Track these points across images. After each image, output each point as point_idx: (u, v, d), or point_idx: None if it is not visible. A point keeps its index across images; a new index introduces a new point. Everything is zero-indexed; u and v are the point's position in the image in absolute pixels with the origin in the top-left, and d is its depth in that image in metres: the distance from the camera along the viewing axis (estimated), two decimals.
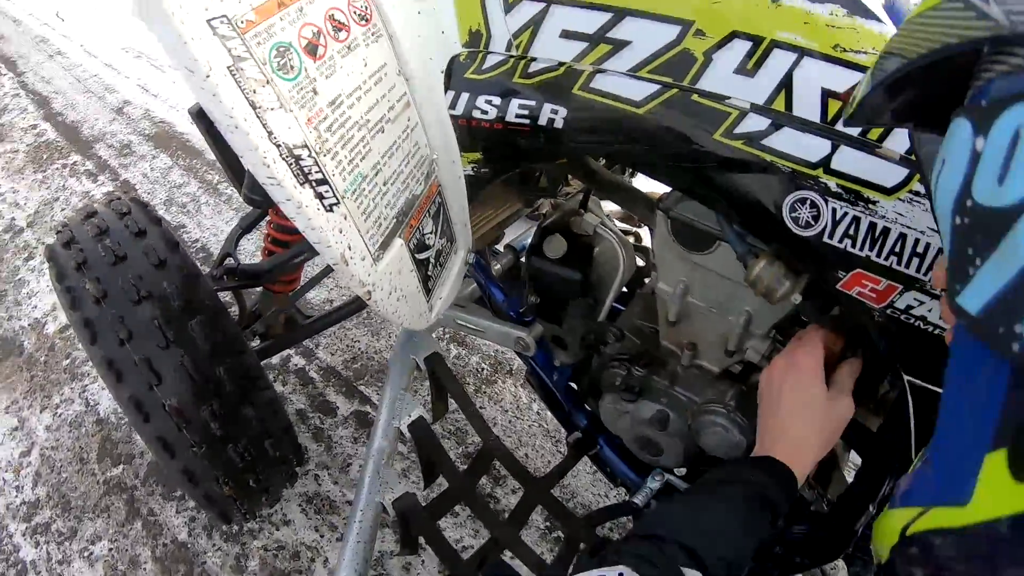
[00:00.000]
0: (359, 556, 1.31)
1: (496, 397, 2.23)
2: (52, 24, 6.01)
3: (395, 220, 0.92)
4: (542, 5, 0.98)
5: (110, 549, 1.94)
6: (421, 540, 1.50)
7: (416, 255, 0.99)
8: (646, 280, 1.54)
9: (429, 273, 1.06)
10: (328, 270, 1.75)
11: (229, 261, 1.71)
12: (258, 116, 0.66)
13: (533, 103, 0.99)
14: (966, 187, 0.44)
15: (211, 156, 3.55)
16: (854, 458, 1.38)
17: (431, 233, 1.04)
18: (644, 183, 1.45)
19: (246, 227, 1.83)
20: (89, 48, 5.32)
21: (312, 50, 0.74)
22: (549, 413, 2.11)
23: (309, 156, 0.72)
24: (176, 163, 3.59)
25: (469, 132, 1.05)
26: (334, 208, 0.76)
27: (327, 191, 0.75)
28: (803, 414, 0.95)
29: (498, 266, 1.51)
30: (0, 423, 2.43)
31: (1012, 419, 0.43)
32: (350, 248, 0.80)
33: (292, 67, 0.71)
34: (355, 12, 0.82)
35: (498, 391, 2.26)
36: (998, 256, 0.41)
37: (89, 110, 4.24)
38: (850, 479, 1.23)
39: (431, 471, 1.50)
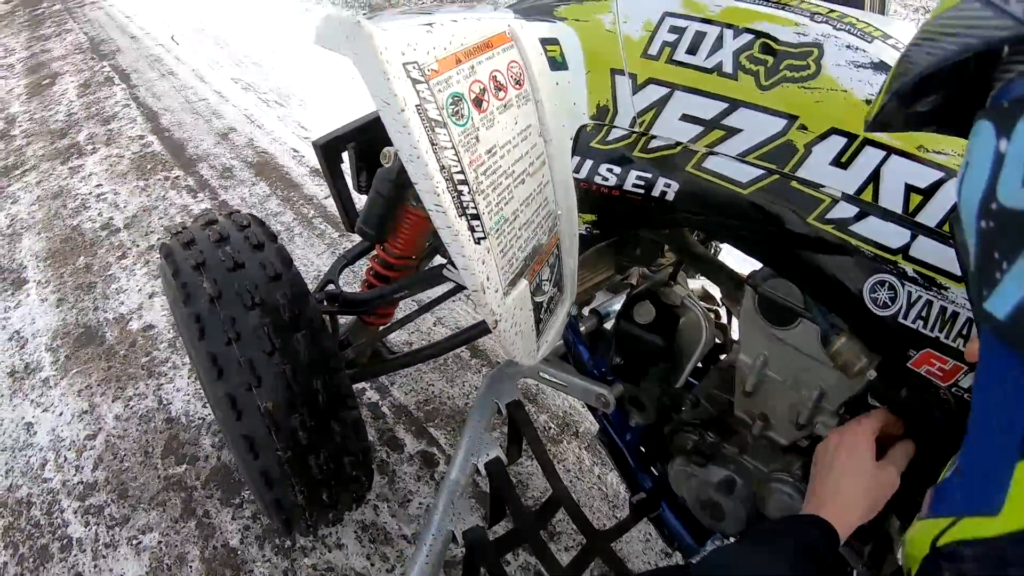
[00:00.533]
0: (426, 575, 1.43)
1: (560, 456, 2.33)
2: (167, 46, 6.45)
3: (523, 263, 1.08)
4: (666, 91, 1.14)
5: (159, 542, 2.07)
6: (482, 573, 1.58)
7: (534, 297, 1.14)
8: (721, 356, 1.64)
9: (541, 316, 1.20)
10: (419, 312, 1.89)
11: (331, 287, 1.86)
12: (435, 151, 0.84)
13: (649, 175, 1.14)
14: (991, 190, 0.45)
15: (308, 191, 3.79)
16: None
17: (547, 280, 1.20)
18: (730, 263, 1.58)
19: (351, 258, 1.97)
20: (200, 73, 5.70)
21: (478, 103, 0.92)
22: (609, 478, 2.23)
23: (468, 193, 0.90)
24: (274, 192, 3.83)
25: (589, 195, 1.21)
26: (481, 242, 0.93)
27: (478, 226, 0.92)
28: (851, 478, 1.03)
29: (583, 328, 1.63)
30: (71, 404, 2.63)
31: None
32: (488, 279, 0.97)
33: (463, 115, 0.89)
34: (512, 76, 1.01)
35: (563, 451, 2.35)
36: None
37: (195, 131, 4.55)
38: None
39: (499, 511, 1.60)
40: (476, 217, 0.92)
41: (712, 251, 1.90)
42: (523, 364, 1.21)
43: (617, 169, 1.17)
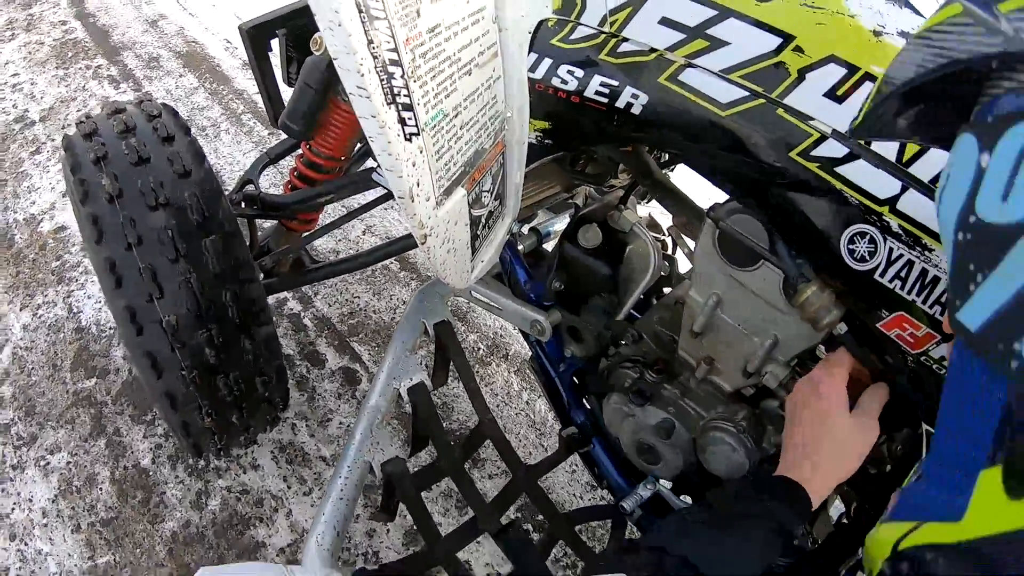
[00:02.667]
0: (340, 513, 1.29)
1: (488, 379, 2.22)
2: None
3: (462, 169, 0.91)
4: None
5: (68, 463, 1.91)
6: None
7: (472, 210, 0.98)
8: (666, 290, 1.55)
9: (478, 232, 1.05)
10: (346, 218, 1.73)
11: (250, 188, 1.69)
12: (362, 20, 0.65)
13: (616, 83, 1.00)
14: (970, 203, 0.45)
15: (239, 85, 3.55)
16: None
17: (488, 192, 1.04)
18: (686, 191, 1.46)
19: (274, 156, 1.81)
20: None
21: None
22: (538, 404, 2.13)
23: (401, 77, 0.71)
24: (203, 85, 3.56)
25: (544, 99, 1.06)
26: (413, 138, 0.76)
27: (410, 118, 0.74)
28: (825, 438, 0.95)
29: (521, 247, 1.51)
30: None
31: (1007, 437, 0.44)
32: (419, 184, 0.79)
33: None
34: None
35: (491, 373, 2.25)
36: (999, 273, 0.42)
37: (122, 17, 4.20)
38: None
39: (421, 440, 1.49)
40: (408, 108, 0.74)
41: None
42: (456, 286, 1.07)
43: (579, 72, 1.03)
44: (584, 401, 1.53)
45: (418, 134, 0.76)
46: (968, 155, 0.46)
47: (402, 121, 0.74)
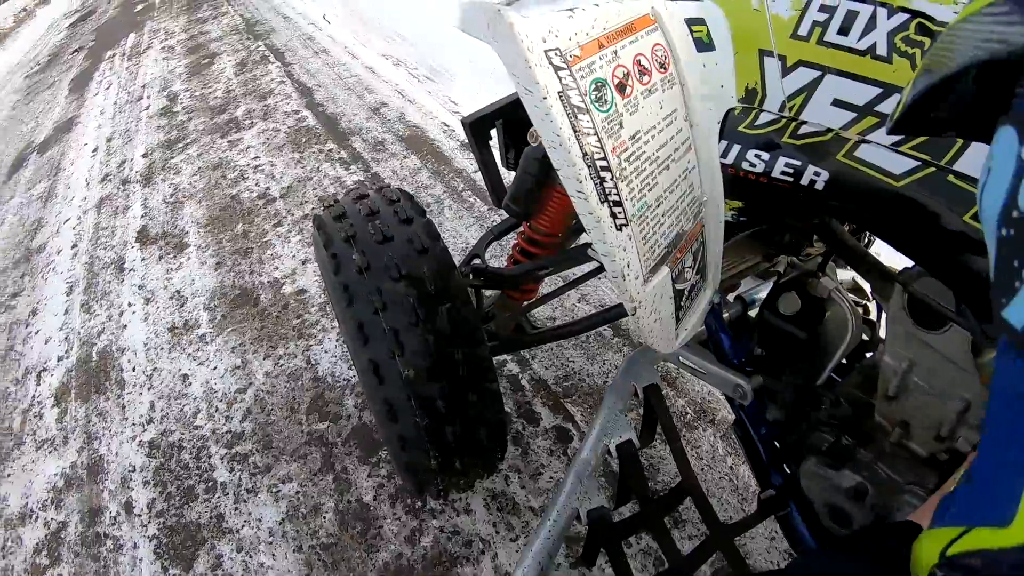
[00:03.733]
0: (545, 551, 1.45)
1: (694, 443, 2.31)
2: (319, 25, 6.74)
3: (666, 249, 1.08)
4: (817, 73, 1.10)
5: (297, 492, 2.20)
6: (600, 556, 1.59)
7: (675, 285, 1.14)
8: (867, 354, 1.58)
9: (682, 304, 1.19)
10: (563, 289, 1.91)
11: (477, 262, 1.89)
12: (577, 138, 0.85)
13: (799, 163, 1.11)
14: (1012, 197, 0.45)
15: (458, 164, 3.87)
16: None
17: (690, 267, 1.19)
18: (882, 257, 1.52)
19: (497, 234, 2.00)
20: (352, 51, 5.92)
21: (622, 88, 0.93)
22: (741, 470, 2.18)
23: (611, 179, 0.90)
24: (425, 166, 3.93)
25: (735, 181, 1.18)
26: (623, 228, 0.94)
27: (620, 212, 0.92)
28: None
29: (726, 315, 1.61)
30: (224, 359, 2.82)
31: None
32: (629, 266, 0.97)
33: (606, 101, 0.90)
34: (656, 59, 1.01)
35: (697, 437, 2.33)
36: None
37: (348, 106, 4.72)
38: None
39: (626, 493, 1.61)
40: (618, 204, 0.92)
41: (864, 242, 1.82)
42: (661, 351, 1.20)
43: (765, 155, 1.15)
44: (784, 466, 1.58)
45: (627, 224, 0.94)
46: (1009, 148, 0.46)
47: (613, 215, 0.91)
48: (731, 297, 1.71)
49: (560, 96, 0.84)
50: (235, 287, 3.28)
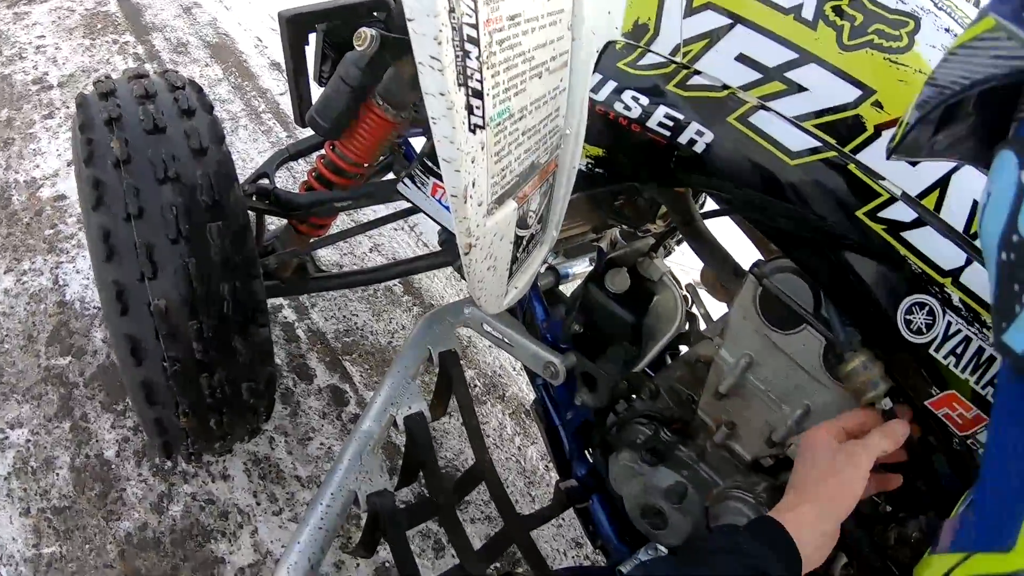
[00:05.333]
0: (316, 544, 1.19)
1: (482, 419, 2.15)
2: None
3: (516, 179, 0.87)
4: (727, 21, 0.96)
5: (28, 440, 1.83)
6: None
7: (518, 228, 0.94)
8: (681, 347, 1.48)
9: (518, 255, 1.00)
10: (359, 230, 1.67)
11: (264, 182, 1.63)
12: None
13: (681, 116, 0.97)
14: (1012, 221, 0.45)
15: (264, 84, 3.55)
16: None
17: (534, 212, 0.99)
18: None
19: (294, 153, 1.76)
20: None
21: None
22: (529, 451, 2.07)
23: (476, 59, 0.68)
24: (227, 78, 3.56)
25: (602, 123, 1.03)
26: (477, 131, 0.72)
27: (478, 107, 0.71)
28: (849, 495, 0.86)
29: (539, 283, 1.47)
30: None
31: None
32: (474, 184, 0.75)
33: None
34: None
35: (485, 413, 2.19)
36: None
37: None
38: None
39: (411, 473, 1.41)
40: (478, 96, 0.70)
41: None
42: (486, 310, 1.01)
43: (644, 100, 0.99)
44: (587, 454, 1.47)
45: (483, 127, 0.72)
46: (1008, 172, 0.46)
47: (469, 108, 0.70)
48: (543, 267, 1.54)
49: None
50: None
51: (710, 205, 1.55)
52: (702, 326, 1.38)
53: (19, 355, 2.04)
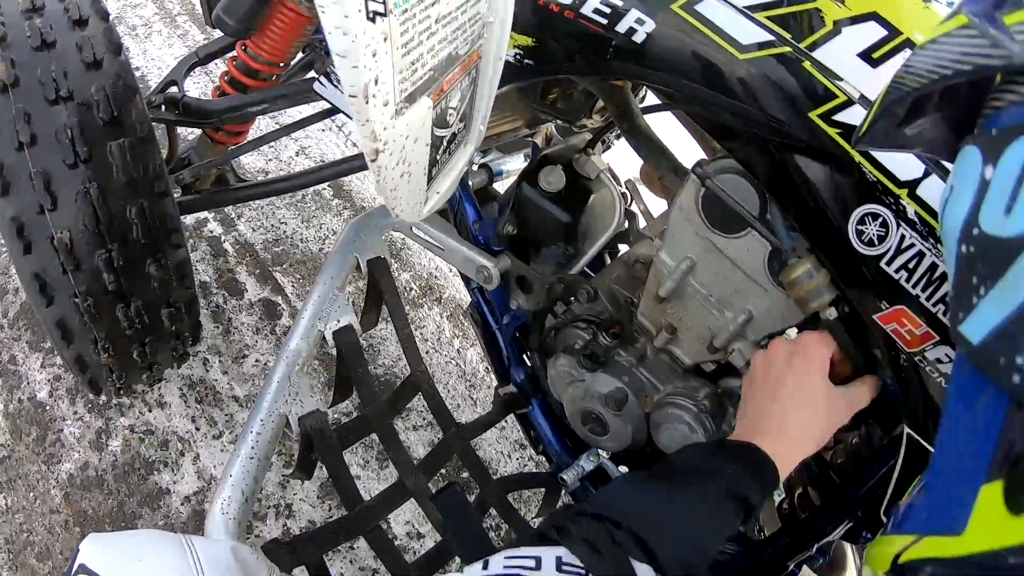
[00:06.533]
0: (250, 475, 1.11)
1: (418, 323, 2.08)
2: None
3: (430, 74, 0.75)
4: None
5: None
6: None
7: (435, 129, 0.83)
8: (621, 246, 1.44)
9: (438, 157, 0.90)
10: (279, 133, 1.53)
11: (173, 90, 1.47)
12: None
13: (620, 2, 0.87)
14: (973, 215, 0.45)
15: None
16: None
17: (454, 110, 0.88)
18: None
19: (204, 57, 1.60)
20: None
21: None
22: (469, 354, 2.01)
23: None
24: None
25: (532, 9, 0.94)
26: (378, 18, 0.59)
27: None
28: (805, 408, 0.85)
29: (470, 183, 1.38)
30: None
31: (1008, 451, 0.44)
32: (377, 82, 0.63)
33: None
34: None
35: (422, 317, 2.10)
36: (1002, 287, 0.42)
37: None
38: None
39: (344, 389, 1.33)
40: None
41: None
42: (405, 219, 0.91)
43: None
44: (526, 358, 1.41)
45: (385, 15, 0.60)
46: (972, 167, 0.47)
47: None
48: (476, 164, 1.45)
49: None
50: None
51: (651, 99, 1.45)
52: (642, 224, 1.31)
53: None
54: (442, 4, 0.71)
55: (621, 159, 1.60)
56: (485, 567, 0.64)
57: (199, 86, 2.60)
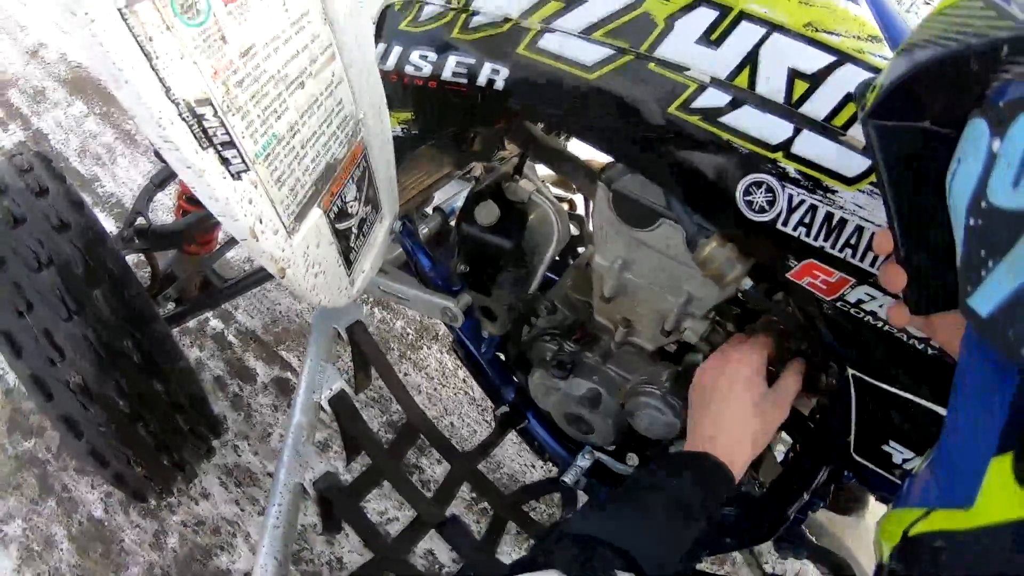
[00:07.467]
0: (278, 542, 1.20)
1: (421, 363, 2.13)
2: None
3: (313, 187, 0.81)
4: None
5: (24, 529, 1.79)
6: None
7: (336, 225, 0.88)
8: (580, 249, 1.47)
9: (352, 244, 0.95)
10: None
11: (140, 221, 1.56)
12: (153, 68, 0.54)
13: (472, 61, 0.90)
14: (981, 188, 0.44)
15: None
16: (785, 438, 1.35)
17: (354, 200, 0.93)
18: (582, 150, 1.37)
19: (159, 183, 1.68)
20: None
21: None
22: (474, 381, 2.03)
23: (214, 116, 0.60)
24: (92, 111, 3.33)
25: (401, 89, 0.96)
26: (242, 175, 0.65)
27: (235, 156, 0.63)
28: (738, 417, 0.90)
29: (426, 230, 1.42)
30: None
31: (1019, 423, 0.43)
32: (260, 221, 0.68)
33: (199, 11, 0.58)
34: None
35: (423, 357, 2.16)
36: (1010, 259, 0.41)
37: (1, 52, 3.91)
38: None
39: (354, 447, 1.39)
40: (230, 145, 0.63)
41: (563, 138, 1.67)
42: (336, 305, 0.97)
43: (432, 55, 0.93)
44: (513, 378, 1.46)
45: (247, 170, 0.65)
46: (979, 140, 0.46)
47: (224, 161, 0.63)
48: (430, 209, 1.49)
49: (122, 13, 0.52)
50: None
51: None
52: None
53: None
54: (304, 129, 0.77)
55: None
56: None
57: (164, 206, 2.70)
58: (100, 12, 0.50)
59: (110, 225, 2.50)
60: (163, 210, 2.55)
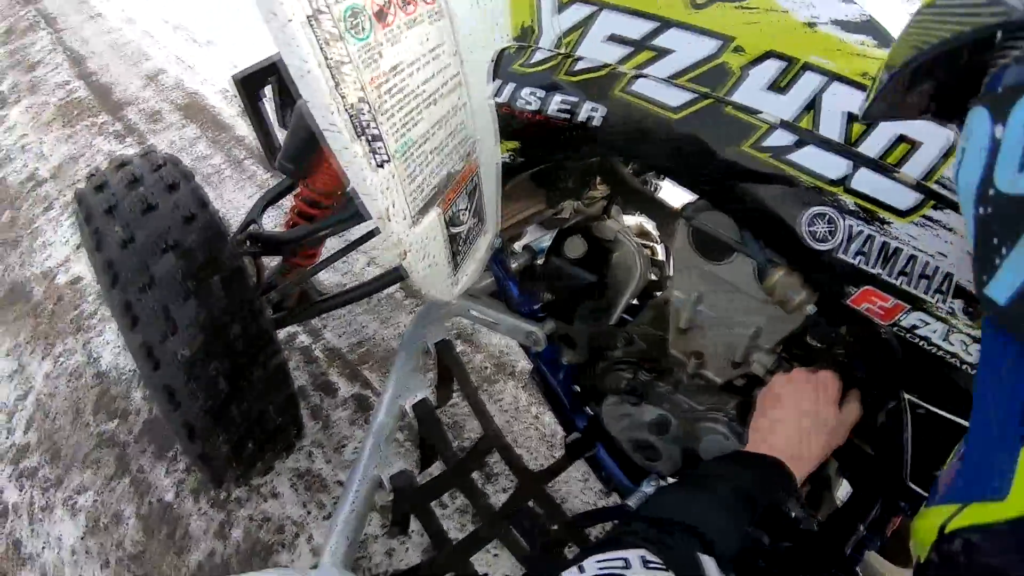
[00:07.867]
0: (352, 523, 1.35)
1: (496, 396, 2.26)
2: None
3: (435, 190, 0.98)
4: (592, 8, 1.04)
5: (95, 501, 1.98)
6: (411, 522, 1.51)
7: (449, 228, 1.04)
8: (657, 293, 1.56)
9: (459, 248, 1.11)
10: (345, 251, 1.78)
11: (253, 227, 1.75)
12: (329, 67, 0.73)
13: (574, 99, 1.05)
14: (987, 176, 0.44)
15: (239, 132, 3.62)
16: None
17: (464, 210, 1.10)
18: (667, 197, 1.51)
19: (273, 197, 1.87)
20: (129, 15, 5.38)
21: (381, 17, 0.81)
22: (546, 417, 2.16)
23: (368, 113, 0.79)
24: (204, 135, 3.65)
25: (511, 120, 1.11)
26: (384, 165, 0.83)
27: (380, 148, 0.82)
28: (815, 429, 0.98)
29: (515, 265, 1.54)
30: (0, 365, 2.48)
31: None
32: (393, 206, 0.87)
33: (363, 28, 0.78)
34: None
35: (499, 391, 2.29)
36: (1023, 245, 0.41)
37: (123, 74, 4.29)
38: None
39: (429, 455, 1.54)
40: (377, 139, 0.82)
41: (651, 186, 1.82)
42: (441, 300, 1.13)
43: (540, 93, 1.07)
44: (586, 408, 1.56)
45: (388, 161, 0.84)
46: (982, 128, 0.46)
47: (372, 151, 0.81)
48: (519, 246, 1.64)
49: (310, 20, 0.72)
50: (4, 283, 2.91)
51: None
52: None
53: (71, 429, 2.18)
54: (433, 139, 0.94)
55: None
56: (581, 571, 0.68)
57: (274, 219, 2.91)
58: (295, 16, 0.70)
59: None
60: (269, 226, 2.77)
